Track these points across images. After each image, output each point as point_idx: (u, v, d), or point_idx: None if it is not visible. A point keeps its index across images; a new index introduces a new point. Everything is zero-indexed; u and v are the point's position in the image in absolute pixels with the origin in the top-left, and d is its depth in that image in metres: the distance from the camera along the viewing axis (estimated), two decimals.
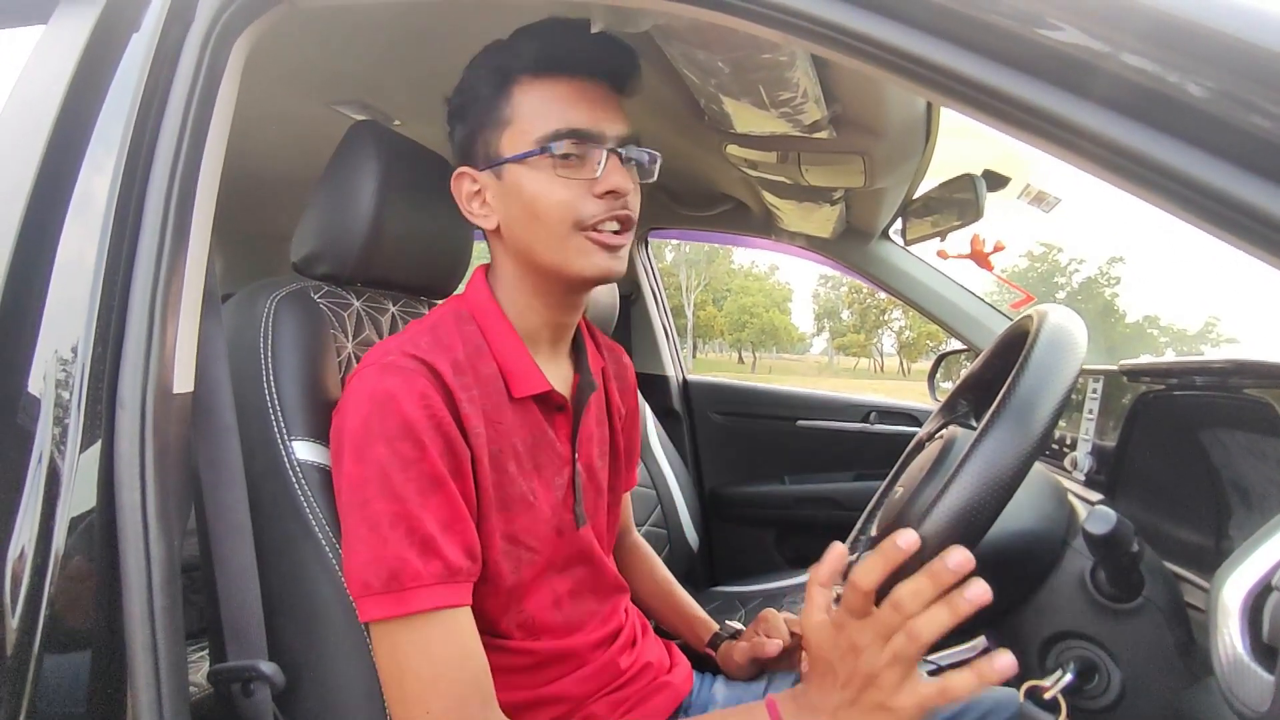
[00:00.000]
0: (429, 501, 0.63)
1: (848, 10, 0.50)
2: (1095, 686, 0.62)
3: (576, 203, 0.69)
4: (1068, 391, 0.57)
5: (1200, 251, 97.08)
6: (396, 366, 0.66)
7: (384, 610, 0.61)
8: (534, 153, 0.69)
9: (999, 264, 1.57)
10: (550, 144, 0.68)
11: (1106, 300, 51.11)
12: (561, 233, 0.70)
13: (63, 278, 0.61)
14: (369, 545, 0.62)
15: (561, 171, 0.69)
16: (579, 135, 0.69)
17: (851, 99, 1.03)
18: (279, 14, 0.67)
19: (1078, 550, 0.65)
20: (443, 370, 0.67)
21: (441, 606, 0.62)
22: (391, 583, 0.61)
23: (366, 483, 0.62)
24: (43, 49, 0.69)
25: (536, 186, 0.69)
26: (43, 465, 0.57)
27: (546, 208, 0.69)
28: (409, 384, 0.64)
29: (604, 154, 0.69)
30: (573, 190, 0.69)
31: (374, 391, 0.64)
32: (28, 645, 0.55)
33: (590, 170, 0.69)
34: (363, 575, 0.62)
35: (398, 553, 0.61)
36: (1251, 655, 0.44)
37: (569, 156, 0.69)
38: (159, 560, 0.57)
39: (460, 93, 0.75)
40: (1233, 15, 0.40)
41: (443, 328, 0.73)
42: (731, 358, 62.77)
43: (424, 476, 0.63)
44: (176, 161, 0.63)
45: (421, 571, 0.61)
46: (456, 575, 0.63)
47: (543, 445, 0.75)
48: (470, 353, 0.72)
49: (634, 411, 0.96)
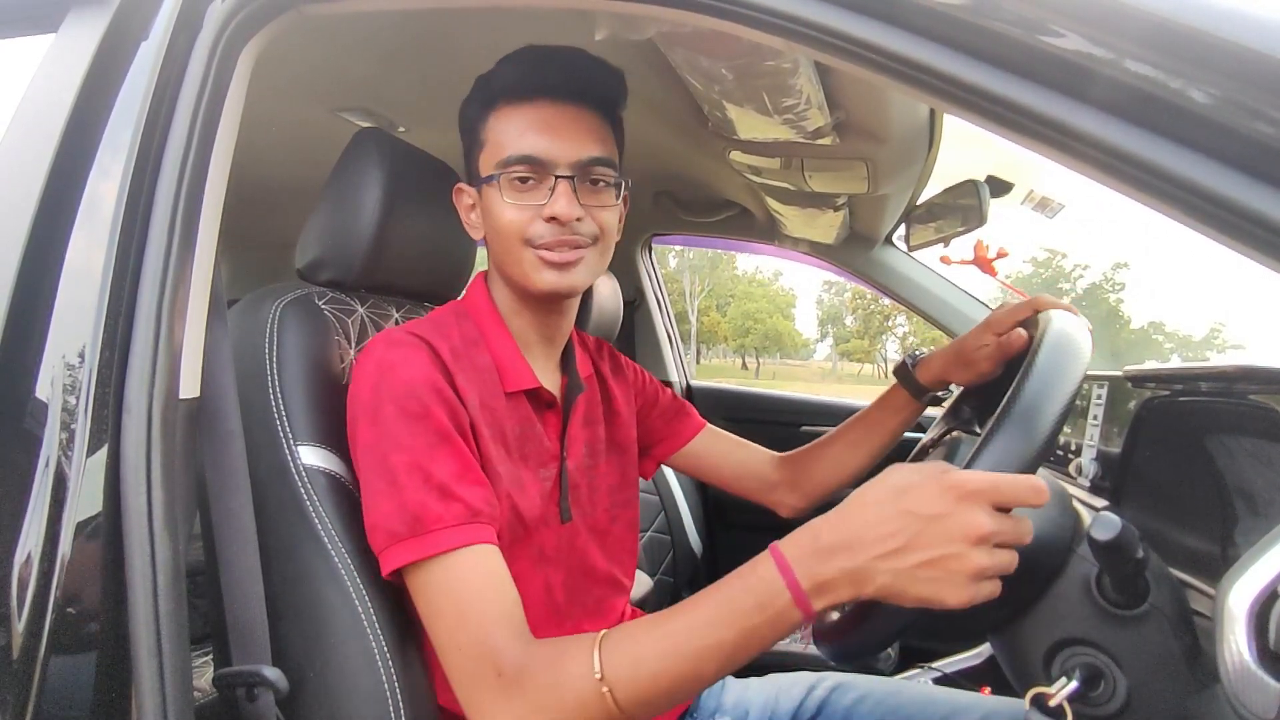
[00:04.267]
0: (437, 454, 0.65)
1: (851, 17, 0.50)
2: (1101, 694, 0.62)
3: (526, 224, 0.73)
4: (1072, 397, 0.57)
5: (1205, 257, 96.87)
6: (399, 341, 0.70)
7: (410, 554, 0.62)
8: (494, 176, 0.74)
9: (1003, 270, 1.57)
10: (506, 169, 0.73)
11: (1111, 306, 50.96)
12: (513, 248, 0.74)
13: (71, 283, 0.62)
14: (388, 496, 0.64)
15: (513, 196, 0.73)
16: (530, 161, 0.73)
17: (855, 105, 1.04)
18: (285, 22, 0.68)
19: (1083, 557, 0.64)
20: (440, 350, 0.71)
21: (464, 544, 0.63)
22: (415, 525, 0.62)
23: (380, 441, 0.66)
24: (52, 58, 0.69)
25: (497, 206, 0.74)
26: (50, 470, 0.58)
27: (502, 225, 0.74)
28: (412, 354, 0.69)
29: (551, 182, 0.73)
30: (523, 213, 0.73)
31: (379, 361, 0.69)
32: (33, 649, 0.55)
33: (542, 195, 0.73)
34: (387, 525, 0.63)
35: (418, 499, 0.63)
36: (1258, 662, 0.44)
37: (524, 180, 0.73)
38: (164, 564, 0.57)
39: (461, 114, 0.80)
40: (1235, 22, 0.41)
41: (443, 321, 0.77)
42: (735, 363, 62.73)
43: (431, 431, 0.66)
44: (184, 168, 0.63)
45: (444, 514, 0.63)
46: (478, 516, 0.64)
47: (530, 437, 0.78)
48: (467, 344, 0.76)
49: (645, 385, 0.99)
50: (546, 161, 0.73)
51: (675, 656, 0.56)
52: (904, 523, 0.52)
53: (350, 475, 0.73)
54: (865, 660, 1.26)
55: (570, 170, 0.73)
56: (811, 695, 0.93)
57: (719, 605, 0.56)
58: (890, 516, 0.52)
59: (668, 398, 1.02)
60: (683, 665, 0.56)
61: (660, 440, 1.01)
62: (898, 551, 0.51)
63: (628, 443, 0.92)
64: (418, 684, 0.69)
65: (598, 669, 0.56)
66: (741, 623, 0.54)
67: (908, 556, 0.51)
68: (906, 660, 1.45)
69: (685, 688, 0.57)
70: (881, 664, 1.41)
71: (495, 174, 0.74)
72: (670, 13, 0.58)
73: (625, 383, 0.96)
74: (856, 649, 0.62)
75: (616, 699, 0.56)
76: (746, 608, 0.54)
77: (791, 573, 0.54)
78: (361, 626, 0.66)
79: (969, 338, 0.90)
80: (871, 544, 0.52)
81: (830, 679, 0.94)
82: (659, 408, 1.01)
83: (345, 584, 0.66)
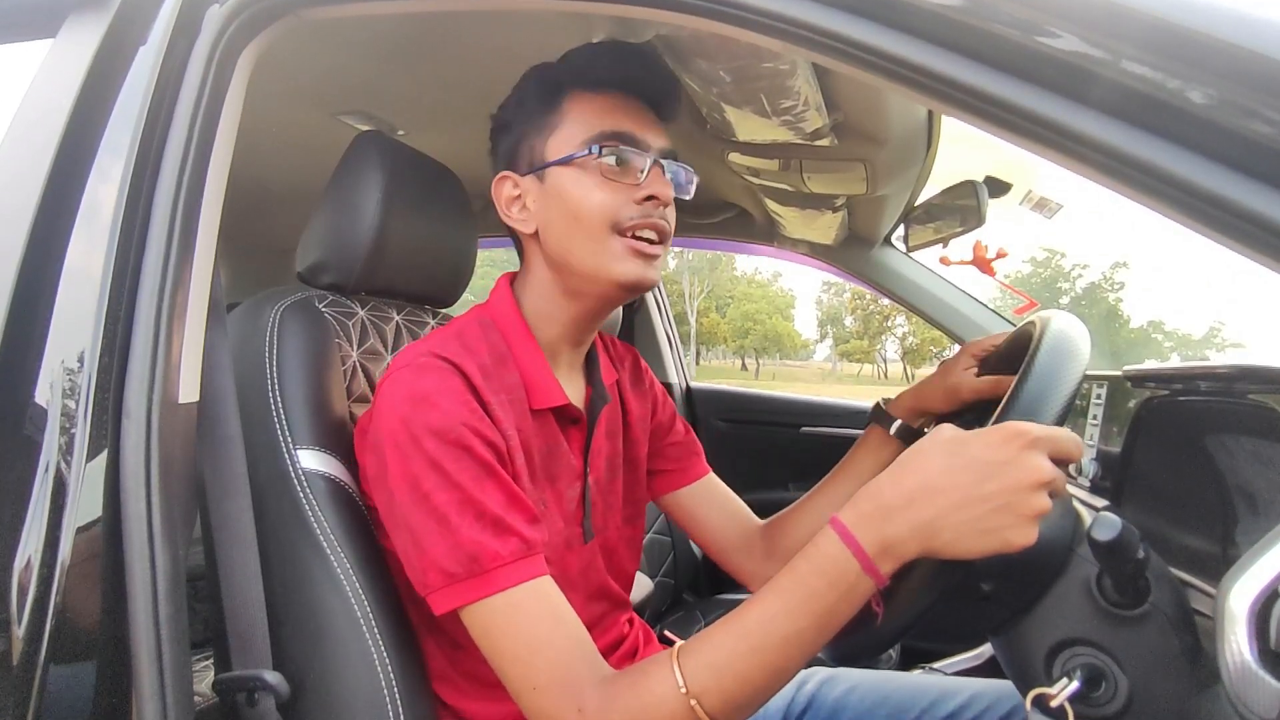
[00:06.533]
0: (485, 486, 0.62)
1: (848, 19, 0.50)
2: (1102, 694, 0.62)
3: (617, 205, 0.70)
4: (1071, 397, 0.57)
5: (1205, 256, 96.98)
6: (429, 367, 0.66)
7: (469, 594, 0.60)
8: (580, 154, 0.70)
9: (1002, 270, 1.57)
10: (597, 145, 0.70)
11: (1110, 305, 51.00)
12: (600, 235, 0.70)
13: (70, 287, 0.62)
14: (441, 536, 0.61)
15: (606, 174, 0.70)
16: (626, 139, 0.70)
17: (853, 107, 1.04)
18: (284, 26, 0.68)
19: (1083, 557, 0.64)
20: (471, 373, 0.67)
21: (524, 579, 0.61)
22: (473, 565, 0.60)
23: (421, 479, 0.62)
24: (51, 62, 0.69)
25: (579, 188, 0.70)
26: (49, 475, 0.58)
27: (588, 209, 0.70)
28: (443, 382, 0.65)
29: (648, 161, 0.71)
30: (614, 194, 0.70)
31: (410, 392, 0.64)
32: (34, 654, 0.55)
33: (634, 176, 0.71)
34: (442, 565, 0.60)
35: (473, 537, 0.60)
36: (1259, 662, 0.44)
37: (614, 159, 0.70)
38: (164, 569, 0.57)
39: (507, 107, 0.77)
40: (1232, 22, 0.41)
41: (468, 334, 0.73)
42: (735, 365, 62.73)
43: (476, 464, 0.63)
44: (183, 172, 0.63)
45: (500, 551, 0.60)
46: (533, 549, 0.62)
47: (557, 456, 0.75)
48: (495, 359, 0.72)
49: (662, 406, 0.94)
50: (642, 141, 0.71)
51: (758, 653, 0.55)
52: (974, 470, 0.51)
53: (350, 479, 0.73)
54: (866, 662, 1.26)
55: (660, 154, 0.71)
56: (802, 690, 0.92)
57: (791, 592, 0.55)
58: (959, 466, 0.52)
59: (682, 430, 0.96)
60: (766, 660, 0.55)
61: (665, 472, 0.95)
62: (968, 500, 0.51)
63: (639, 460, 0.89)
64: (417, 688, 0.69)
65: (682, 684, 0.55)
66: (816, 606, 0.53)
67: (979, 504, 0.51)
68: (907, 660, 1.45)
69: (773, 682, 0.56)
70: (883, 664, 1.41)
71: (577, 153, 0.70)
72: (668, 15, 0.58)
73: (643, 396, 0.92)
74: (859, 650, 0.62)
75: (705, 708, 0.55)
76: (819, 589, 0.53)
77: (856, 541, 0.53)
78: (361, 631, 0.66)
79: (950, 363, 0.90)
80: (943, 492, 0.52)
81: (820, 674, 0.94)
82: (673, 437, 0.95)
83: (344, 588, 0.66)
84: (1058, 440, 0.52)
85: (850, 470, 0.92)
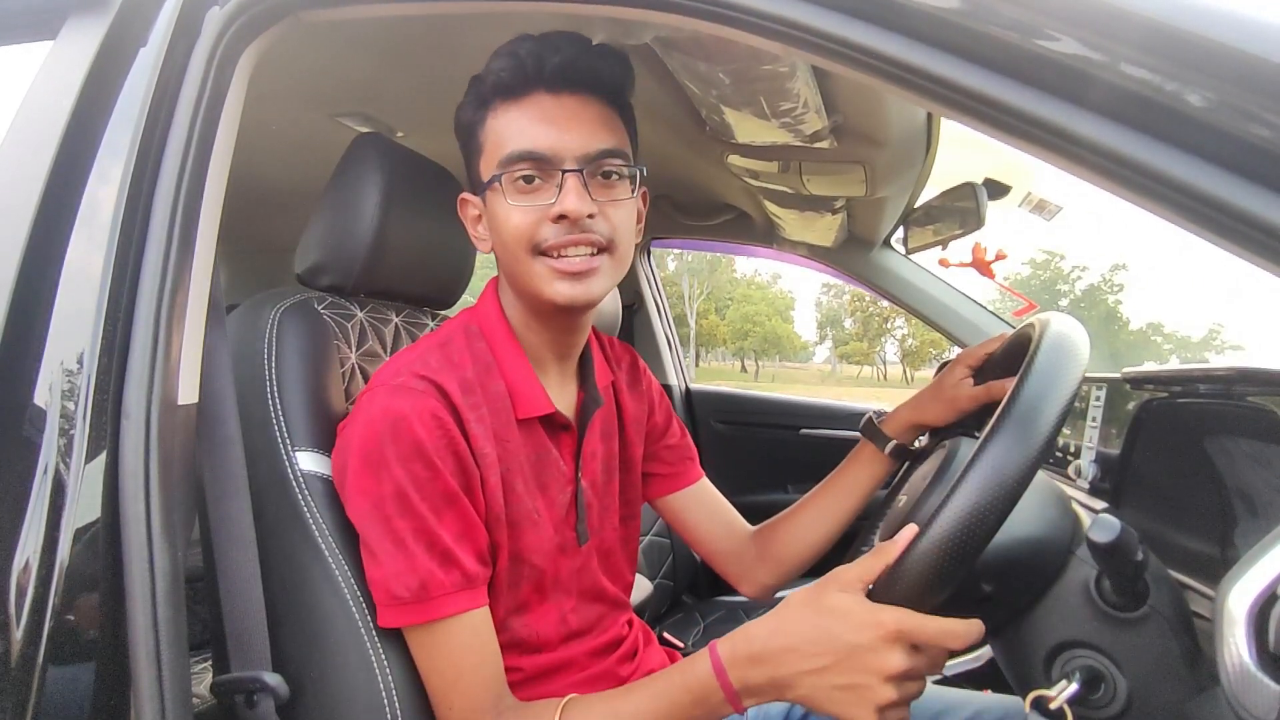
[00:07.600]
0: (444, 517, 0.66)
1: (847, 21, 0.50)
2: (1101, 696, 0.62)
3: (533, 228, 0.68)
4: (1071, 399, 0.57)
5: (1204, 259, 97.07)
6: (406, 388, 0.66)
7: (414, 617, 0.65)
8: (496, 178, 0.69)
9: (1001, 272, 1.57)
10: (507, 169, 0.68)
11: (1109, 307, 50.98)
12: (523, 258, 0.69)
13: (69, 288, 0.62)
14: (395, 559, 0.65)
15: (516, 198, 0.68)
16: (533, 158, 0.67)
17: (852, 109, 1.04)
18: (283, 28, 0.68)
19: (1082, 559, 0.65)
20: (451, 391, 0.67)
21: (462, 610, 0.66)
22: (420, 593, 0.64)
23: (385, 500, 0.65)
24: (51, 64, 0.69)
25: (501, 210, 0.69)
26: (48, 476, 0.58)
27: (507, 232, 0.69)
28: (419, 405, 0.65)
29: (560, 176, 0.67)
30: (529, 215, 0.68)
31: (385, 411, 0.65)
32: (32, 656, 0.55)
33: (549, 194, 0.67)
34: (390, 587, 0.65)
35: (425, 565, 0.64)
36: (1258, 664, 0.44)
37: (527, 179, 0.68)
38: (163, 571, 0.57)
39: (455, 119, 0.76)
40: (1230, 25, 0.41)
41: (453, 345, 0.73)
42: (735, 366, 62.73)
43: (438, 495, 0.65)
44: (182, 173, 0.63)
45: (444, 581, 0.65)
46: (474, 581, 0.67)
47: (547, 463, 0.75)
48: (480, 371, 0.72)
49: (658, 407, 0.94)
50: (551, 156, 0.67)
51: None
52: (829, 645, 0.56)
53: None
54: None
55: (578, 164, 0.67)
56: None
57: (664, 696, 0.62)
58: (818, 637, 0.57)
59: (678, 433, 0.96)
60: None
61: (659, 475, 0.94)
62: (819, 670, 0.57)
63: (635, 460, 0.89)
64: (416, 690, 0.68)
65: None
66: (680, 714, 0.62)
67: (827, 676, 0.56)
68: None
69: None
70: None
71: (497, 174, 0.68)
72: (667, 17, 0.58)
73: (640, 398, 0.91)
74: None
75: None
76: (685, 702, 0.61)
77: (725, 675, 0.60)
78: (360, 632, 0.66)
79: (945, 375, 0.89)
80: (797, 660, 0.58)
81: None
82: (668, 439, 0.95)
83: (343, 590, 0.66)
84: (922, 634, 0.55)
85: (841, 484, 0.92)
